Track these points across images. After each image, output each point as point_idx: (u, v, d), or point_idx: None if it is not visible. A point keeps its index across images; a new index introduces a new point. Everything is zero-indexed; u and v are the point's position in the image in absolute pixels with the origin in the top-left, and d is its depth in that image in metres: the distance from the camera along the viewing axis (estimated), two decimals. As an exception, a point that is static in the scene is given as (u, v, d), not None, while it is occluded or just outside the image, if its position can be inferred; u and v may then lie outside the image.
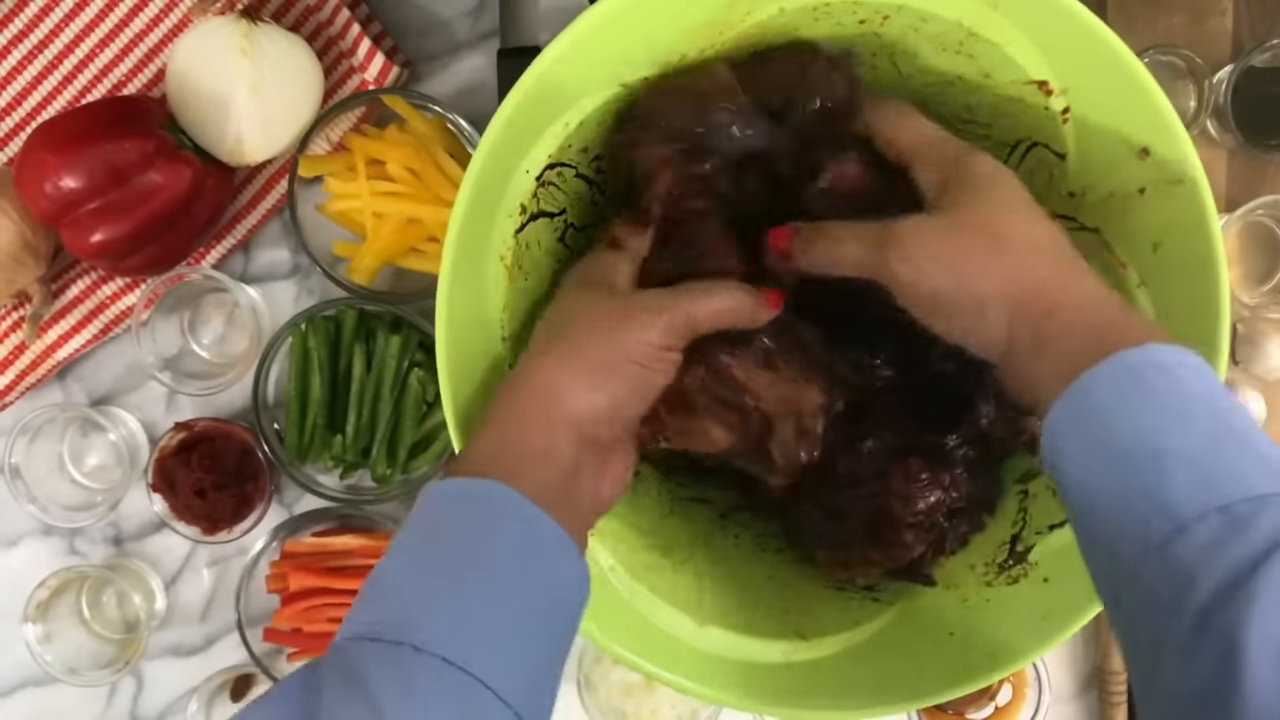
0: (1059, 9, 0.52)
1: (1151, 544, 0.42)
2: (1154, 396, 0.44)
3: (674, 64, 0.56)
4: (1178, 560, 0.41)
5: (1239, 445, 0.43)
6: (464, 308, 0.55)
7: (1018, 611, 0.58)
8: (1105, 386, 0.44)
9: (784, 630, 0.60)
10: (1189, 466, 0.42)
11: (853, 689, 0.59)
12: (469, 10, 0.82)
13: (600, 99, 0.56)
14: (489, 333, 0.57)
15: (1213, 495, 0.41)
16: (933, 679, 0.58)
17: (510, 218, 0.56)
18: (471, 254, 0.55)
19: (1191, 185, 0.53)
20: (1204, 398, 0.44)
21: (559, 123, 0.55)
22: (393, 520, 0.81)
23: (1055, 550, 0.58)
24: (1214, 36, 0.80)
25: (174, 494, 0.80)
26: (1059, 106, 0.55)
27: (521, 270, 0.58)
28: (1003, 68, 0.55)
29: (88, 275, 0.81)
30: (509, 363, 0.58)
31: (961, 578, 0.60)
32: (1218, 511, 0.41)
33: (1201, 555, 0.40)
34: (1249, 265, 0.81)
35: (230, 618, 0.82)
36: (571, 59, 0.53)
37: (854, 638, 0.60)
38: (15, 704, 0.84)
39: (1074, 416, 0.45)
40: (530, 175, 0.56)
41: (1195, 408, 0.44)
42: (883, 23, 0.55)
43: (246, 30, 0.74)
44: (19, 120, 0.81)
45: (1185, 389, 0.44)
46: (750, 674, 0.59)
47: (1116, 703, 0.81)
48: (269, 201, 0.81)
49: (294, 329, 0.79)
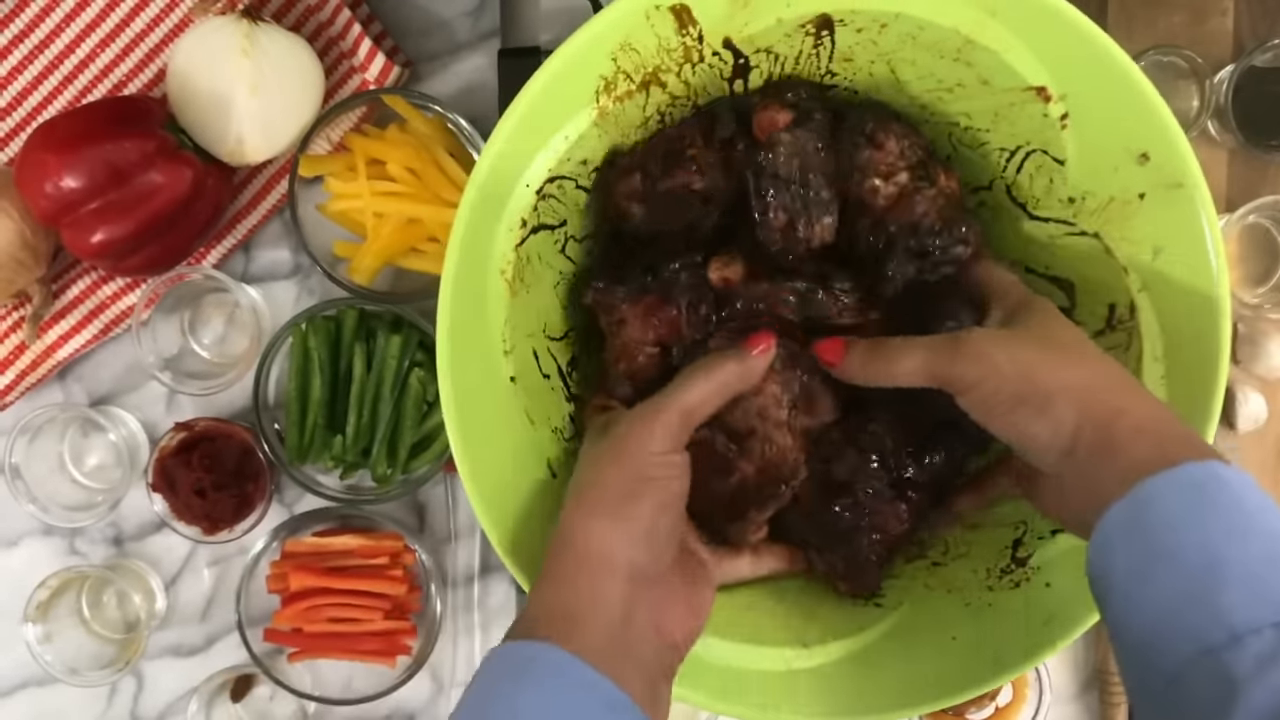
0: (1056, 16, 0.52)
1: (1202, 649, 0.42)
2: (1216, 509, 0.44)
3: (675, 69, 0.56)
4: (1229, 668, 0.41)
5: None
6: (466, 322, 0.55)
7: (1020, 616, 0.58)
8: (1169, 495, 0.45)
9: (786, 638, 0.60)
10: (1247, 579, 0.43)
11: (856, 695, 0.58)
12: (469, 10, 0.82)
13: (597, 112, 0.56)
14: (491, 347, 0.57)
15: (1270, 611, 0.41)
16: (935, 684, 0.58)
17: (510, 232, 0.56)
18: (472, 269, 0.55)
19: (1191, 190, 0.53)
20: (1265, 515, 0.44)
21: (559, 135, 0.55)
22: (393, 520, 0.82)
23: (1057, 556, 0.58)
24: (1215, 36, 0.80)
25: (174, 494, 0.80)
26: (1058, 113, 0.55)
27: (523, 284, 0.58)
28: (1001, 74, 0.55)
29: (88, 275, 0.81)
30: (510, 376, 0.58)
31: (964, 582, 0.60)
32: (1273, 627, 0.41)
33: (1254, 668, 0.40)
34: (1249, 266, 0.81)
35: (230, 618, 0.82)
36: (571, 73, 0.53)
37: (856, 643, 0.60)
38: (15, 704, 0.84)
39: (1132, 521, 0.46)
40: (530, 189, 0.56)
41: (1256, 524, 0.44)
42: (880, 31, 0.55)
43: (247, 30, 0.74)
44: (19, 120, 0.81)
45: (1247, 505, 0.45)
46: (752, 682, 0.59)
47: (1116, 703, 0.81)
48: (269, 201, 0.81)
49: (294, 329, 0.79)
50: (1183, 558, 0.44)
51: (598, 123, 0.56)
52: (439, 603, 0.81)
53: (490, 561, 0.83)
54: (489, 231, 0.55)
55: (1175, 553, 0.44)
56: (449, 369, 0.55)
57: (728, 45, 0.56)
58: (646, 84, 0.56)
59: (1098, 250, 0.57)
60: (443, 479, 0.83)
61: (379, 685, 0.81)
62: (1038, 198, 0.59)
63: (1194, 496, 0.45)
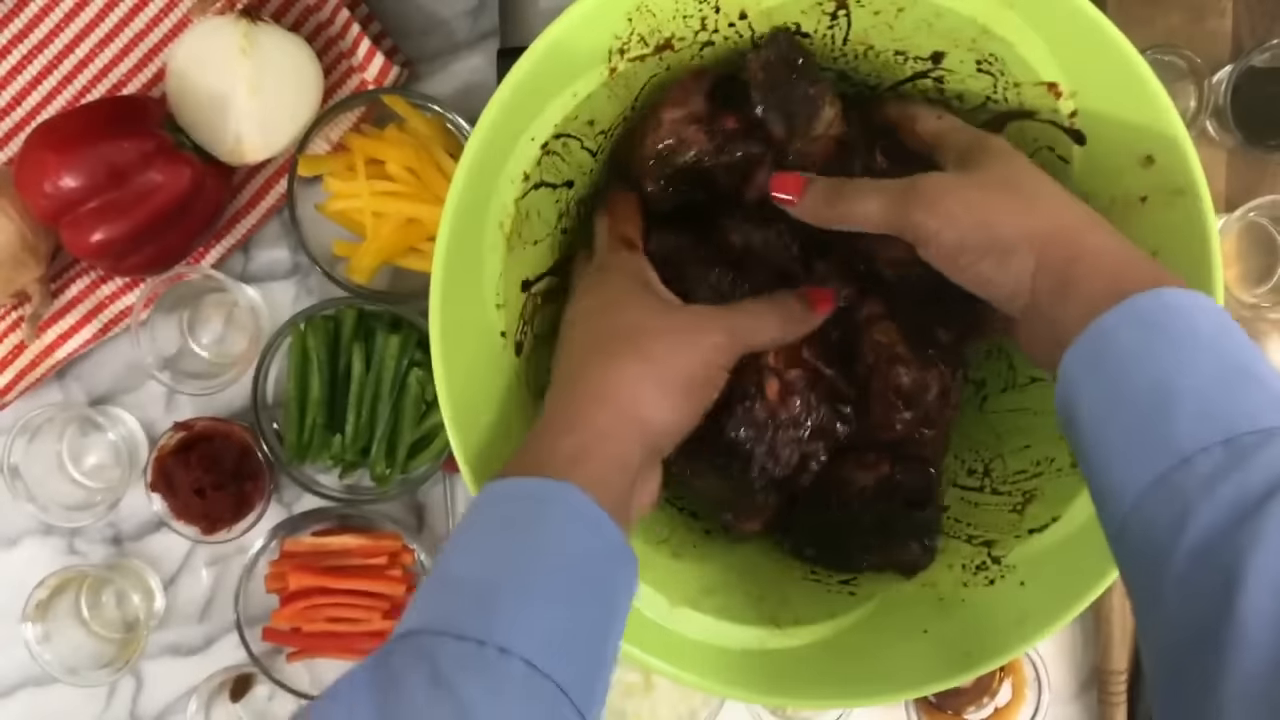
0: (1074, 12, 0.52)
1: (1153, 475, 0.42)
2: (1167, 338, 0.44)
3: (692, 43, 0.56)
4: (1179, 491, 0.41)
5: (1247, 381, 0.43)
6: (460, 271, 0.55)
7: (994, 613, 0.58)
8: (1122, 330, 0.45)
9: (759, 617, 0.60)
10: (1196, 402, 0.42)
11: (825, 679, 0.58)
12: (469, 10, 0.82)
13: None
14: (483, 297, 0.57)
15: (1217, 428, 0.41)
16: (906, 674, 0.57)
17: (512, 184, 0.56)
18: (471, 218, 0.55)
19: (1193, 197, 0.53)
20: (1215, 338, 0.44)
21: (567, 92, 0.55)
22: (391, 520, 0.82)
23: (1033, 555, 0.58)
24: (1214, 36, 0.80)
25: (173, 493, 0.80)
26: (1068, 109, 0.55)
27: (521, 239, 0.58)
28: (1014, 67, 0.55)
29: (87, 275, 0.81)
30: (500, 330, 0.57)
31: (938, 577, 0.60)
32: (1221, 444, 0.41)
33: (1203, 486, 0.40)
34: (1248, 265, 0.81)
35: (229, 617, 0.82)
36: (586, 28, 0.53)
37: (829, 629, 0.60)
38: (15, 704, 0.84)
39: (1090, 361, 0.46)
40: (535, 143, 0.56)
41: (1205, 347, 0.44)
42: (897, 15, 0.55)
43: (246, 30, 0.74)
44: (19, 120, 0.81)
45: (1200, 331, 0.44)
46: (722, 658, 0.59)
47: (1116, 703, 0.81)
48: (268, 201, 0.81)
49: (293, 328, 0.79)
50: (1137, 393, 0.44)
51: (608, 83, 0.56)
52: (438, 602, 0.81)
53: (489, 561, 0.83)
54: (491, 180, 0.55)
55: (1130, 389, 0.44)
56: (440, 314, 0.54)
57: (744, 18, 0.56)
58: (660, 49, 0.56)
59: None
60: (441, 479, 0.83)
61: (378, 685, 0.81)
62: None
63: (1146, 329, 0.44)
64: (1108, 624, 0.81)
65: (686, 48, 0.57)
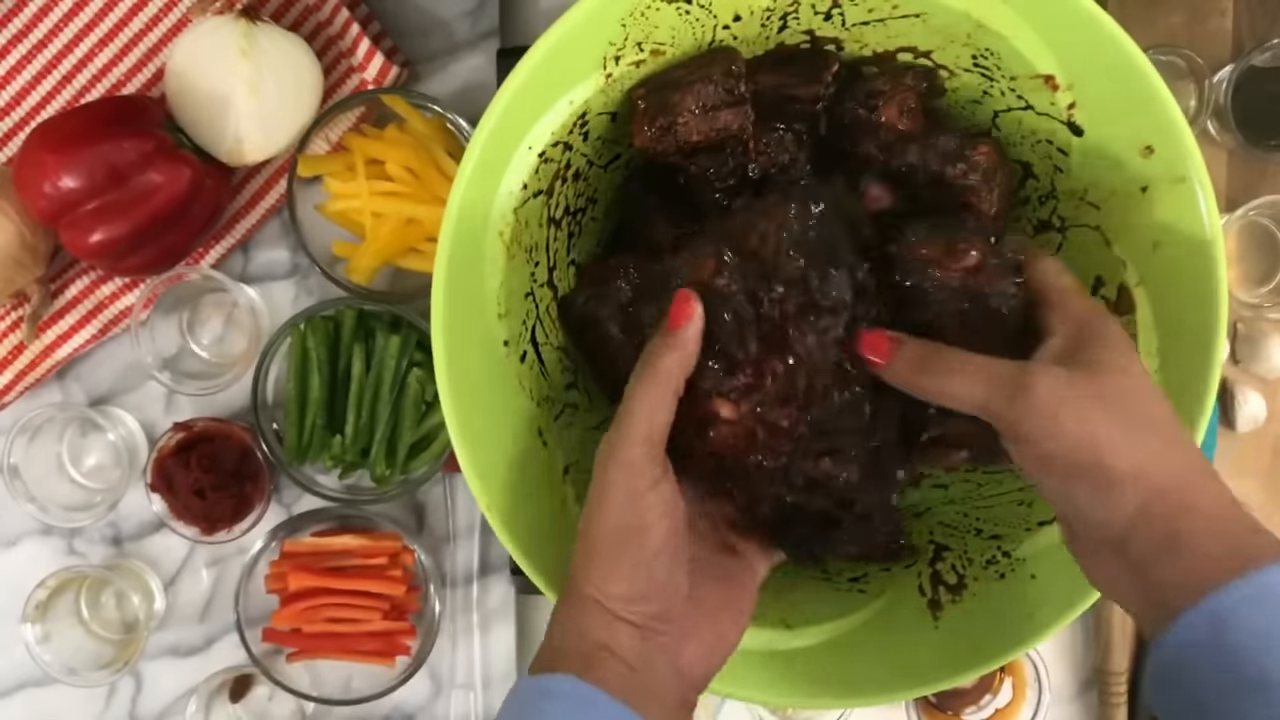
0: (1068, 3, 0.52)
1: None
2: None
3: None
4: None
5: None
6: (462, 283, 0.55)
7: (1003, 608, 0.58)
8: (1252, 609, 0.41)
9: (769, 619, 0.59)
10: None
11: (836, 679, 0.58)
12: (469, 10, 0.82)
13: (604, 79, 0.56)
14: (485, 307, 0.57)
15: None
16: (916, 672, 0.57)
17: (511, 194, 0.56)
18: (471, 227, 0.54)
19: (1194, 185, 0.53)
20: None
21: (563, 99, 0.55)
22: (391, 520, 0.81)
23: (1043, 548, 0.58)
24: (1214, 36, 0.80)
25: (173, 494, 0.80)
26: (1065, 102, 0.55)
27: (521, 247, 0.58)
28: (1010, 61, 0.55)
29: (87, 275, 0.81)
30: (504, 339, 0.57)
31: (948, 571, 0.60)
32: None
33: None
34: (1248, 265, 0.81)
35: (229, 618, 0.82)
36: (580, 36, 0.53)
37: (839, 628, 0.60)
38: (14, 704, 0.84)
39: (1212, 641, 0.42)
40: (533, 152, 0.55)
41: None
42: (892, 9, 0.55)
43: (246, 30, 0.74)
44: (18, 120, 0.81)
45: None
46: (734, 660, 0.59)
47: (1116, 703, 0.81)
48: (268, 201, 0.81)
49: (293, 329, 0.79)
50: (1271, 681, 0.40)
51: (604, 90, 0.56)
52: (438, 603, 0.81)
53: (489, 562, 0.83)
54: (491, 190, 0.55)
55: (1269, 680, 0.40)
56: (443, 328, 0.54)
57: (738, 20, 0.56)
58: (656, 53, 0.56)
59: (1097, 242, 0.57)
60: (441, 479, 0.83)
61: (377, 685, 0.81)
62: (1045, 190, 0.59)
63: (1275, 607, 0.41)
64: (1108, 624, 0.81)
65: (680, 52, 0.57)
